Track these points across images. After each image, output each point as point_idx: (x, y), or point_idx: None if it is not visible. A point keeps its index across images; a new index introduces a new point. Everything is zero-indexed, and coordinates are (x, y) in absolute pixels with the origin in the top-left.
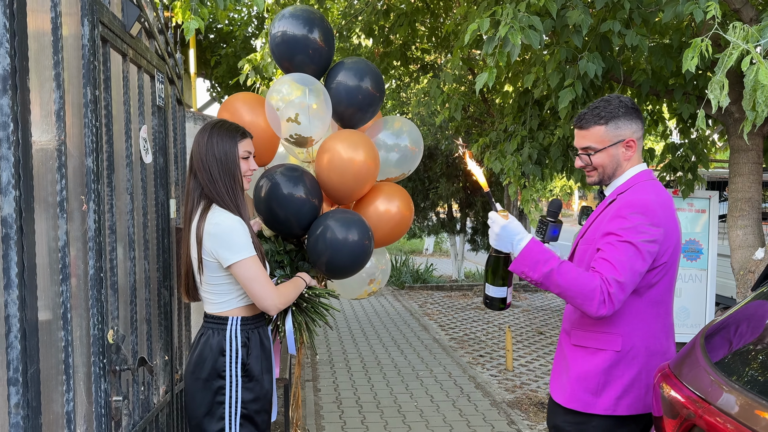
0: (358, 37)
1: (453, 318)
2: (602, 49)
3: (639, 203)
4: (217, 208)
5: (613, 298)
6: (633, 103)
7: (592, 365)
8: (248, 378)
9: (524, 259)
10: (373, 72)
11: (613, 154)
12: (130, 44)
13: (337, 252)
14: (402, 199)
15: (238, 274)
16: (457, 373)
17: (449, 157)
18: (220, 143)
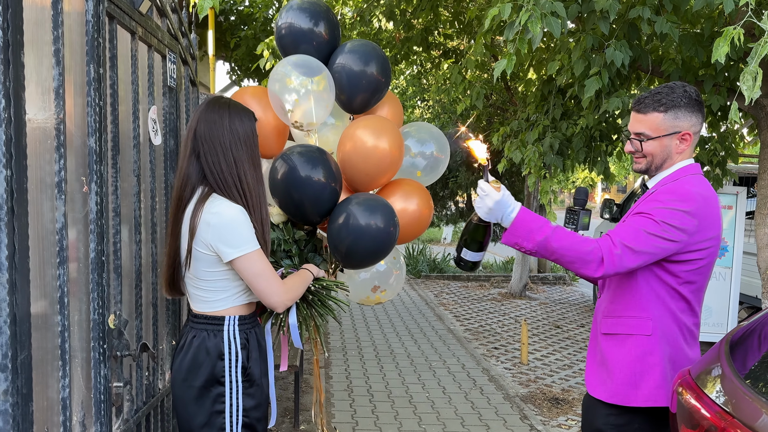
0: (379, 20)
1: (469, 309)
2: (630, 37)
3: (679, 191)
4: (217, 197)
5: (615, 259)
6: (698, 95)
7: (626, 353)
8: (249, 383)
9: (516, 230)
10: (378, 55)
11: (665, 145)
12: (139, 22)
13: (360, 237)
14: (421, 197)
15: (241, 269)
16: (471, 365)
17: None
18: (242, 125)
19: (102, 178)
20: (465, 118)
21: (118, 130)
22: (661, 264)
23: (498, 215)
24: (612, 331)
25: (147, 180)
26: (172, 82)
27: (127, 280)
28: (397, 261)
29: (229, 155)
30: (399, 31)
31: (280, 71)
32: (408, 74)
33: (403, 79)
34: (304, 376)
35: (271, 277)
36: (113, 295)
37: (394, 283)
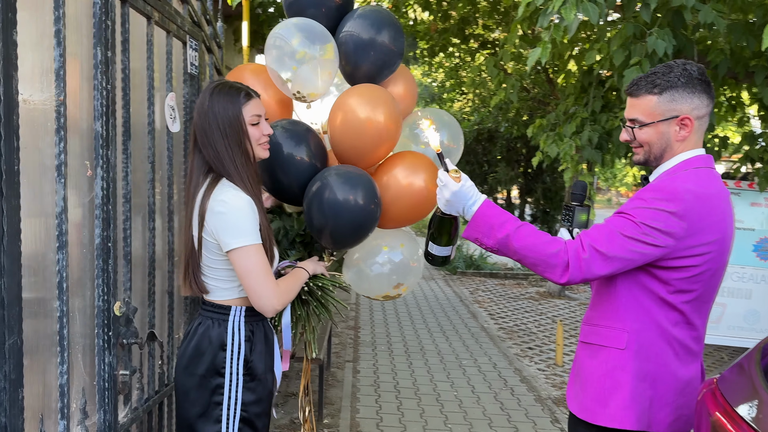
0: (414, 11)
1: (504, 307)
2: (674, 26)
3: (666, 189)
4: (226, 183)
5: (583, 264)
6: (701, 73)
7: (596, 365)
8: (250, 377)
9: (477, 225)
10: (391, 22)
11: (662, 132)
12: (156, 7)
13: (336, 215)
14: (428, 172)
15: (235, 262)
16: (503, 364)
17: (510, 141)
18: (222, 109)
19: (109, 163)
20: (504, 111)
21: (129, 115)
22: (647, 269)
23: (458, 207)
24: (587, 340)
25: (164, 167)
26: (193, 69)
27: (139, 268)
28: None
29: (214, 144)
30: (436, 22)
31: (278, 34)
32: (447, 67)
33: (441, 71)
34: (332, 369)
35: (263, 276)
36: (122, 282)
37: (415, 269)
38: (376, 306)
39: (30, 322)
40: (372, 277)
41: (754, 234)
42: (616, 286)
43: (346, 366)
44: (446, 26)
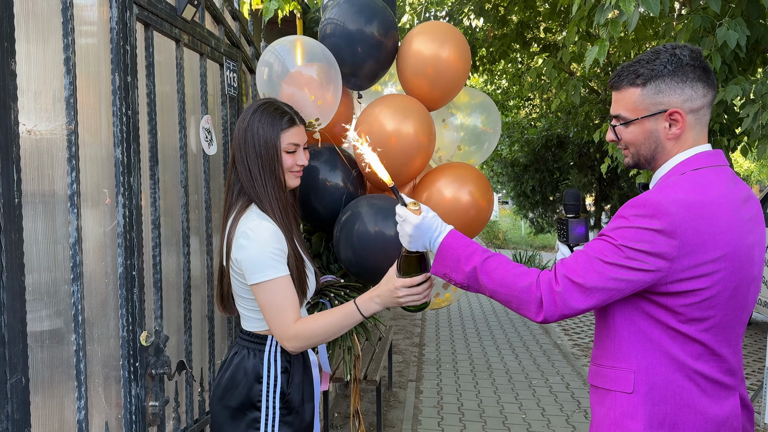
0: (469, 19)
1: (579, 321)
2: (750, 15)
3: (649, 202)
4: (255, 210)
5: (559, 298)
6: (694, 58)
7: (605, 412)
8: (287, 410)
9: (444, 259)
10: (377, 9)
11: (649, 130)
12: (184, 29)
13: (368, 249)
14: (476, 185)
15: (256, 296)
16: (576, 384)
17: (581, 146)
18: (261, 132)
19: (131, 190)
20: (572, 115)
21: (155, 140)
22: (647, 297)
23: (424, 242)
24: (594, 383)
25: (200, 191)
26: (231, 90)
27: (174, 294)
28: None
29: (248, 166)
30: (493, 27)
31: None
32: (510, 73)
33: (504, 78)
34: (394, 389)
35: (280, 313)
36: (153, 310)
37: None
38: (442, 322)
39: (48, 353)
40: None
41: None
42: (613, 319)
43: (408, 385)
44: (505, 31)
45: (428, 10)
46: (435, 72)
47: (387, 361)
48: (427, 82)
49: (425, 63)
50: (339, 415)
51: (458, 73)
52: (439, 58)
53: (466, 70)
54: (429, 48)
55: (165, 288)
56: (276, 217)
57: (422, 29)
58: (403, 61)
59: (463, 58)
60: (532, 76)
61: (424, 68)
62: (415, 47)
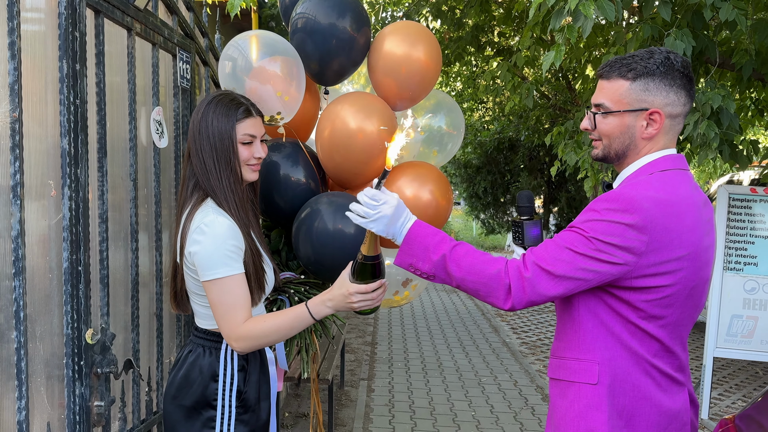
0: (426, 20)
1: (528, 320)
2: (695, 26)
3: (623, 197)
4: (211, 205)
5: (526, 285)
6: (685, 66)
7: (567, 404)
8: (243, 409)
9: (411, 248)
10: (350, 5)
11: (627, 125)
12: (137, 18)
13: (327, 247)
14: (437, 184)
15: (208, 293)
16: (524, 381)
17: (531, 150)
18: (216, 123)
19: (78, 182)
20: (524, 119)
21: (105, 131)
22: (609, 291)
23: (393, 228)
24: (555, 376)
25: (150, 185)
26: (184, 82)
27: (121, 291)
28: None
29: (202, 158)
30: (450, 30)
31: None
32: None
33: (459, 81)
34: (345, 388)
35: (230, 313)
36: (99, 307)
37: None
38: (395, 320)
39: None
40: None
41: None
42: (578, 311)
43: (360, 384)
44: (460, 34)
45: (386, 9)
46: (406, 72)
47: (339, 360)
48: (396, 83)
49: (397, 63)
50: (290, 415)
51: (429, 75)
52: (411, 58)
53: (437, 72)
54: (400, 48)
55: (112, 284)
56: (232, 211)
57: (395, 29)
58: (374, 60)
59: (435, 60)
60: (486, 79)
61: (394, 68)
62: (387, 47)
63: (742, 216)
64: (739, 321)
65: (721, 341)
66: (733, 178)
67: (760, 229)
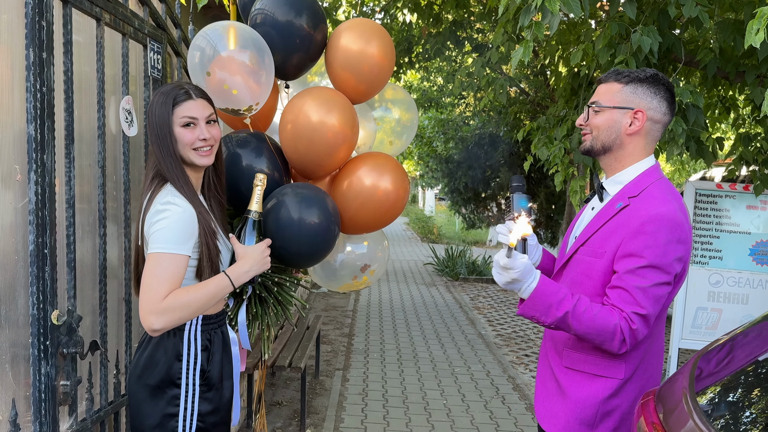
0: (404, 14)
1: (504, 313)
2: (661, 24)
3: (665, 217)
4: (170, 188)
5: (637, 334)
6: (669, 84)
7: (591, 393)
8: (207, 387)
9: (535, 304)
10: (306, 1)
11: (614, 120)
12: (105, 8)
13: (292, 236)
14: (395, 173)
15: (146, 264)
16: (497, 372)
17: (511, 145)
18: (156, 111)
19: (45, 168)
20: (503, 115)
21: (72, 119)
22: None
23: (520, 286)
24: (577, 368)
25: (120, 172)
26: (155, 72)
27: (89, 275)
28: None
29: (155, 145)
30: (427, 25)
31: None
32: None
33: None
34: (320, 378)
35: (155, 286)
36: (66, 290)
37: (382, 257)
38: (373, 313)
39: None
40: (337, 267)
41: (750, 238)
42: None
43: (335, 374)
44: (439, 30)
45: (365, 4)
46: (364, 68)
47: (314, 350)
48: (353, 77)
49: (354, 58)
50: (264, 403)
51: (383, 70)
52: (365, 53)
53: (391, 67)
54: (356, 44)
55: (80, 269)
56: (186, 195)
57: (350, 25)
58: (331, 55)
59: (388, 56)
60: (462, 75)
61: (351, 63)
62: (342, 42)
63: (708, 211)
64: (704, 313)
65: (686, 333)
66: (706, 175)
67: (725, 223)
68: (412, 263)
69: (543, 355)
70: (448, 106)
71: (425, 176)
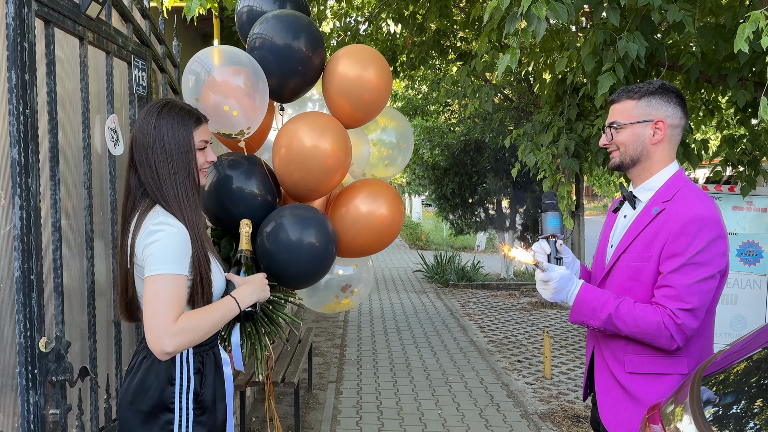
0: (388, 25)
1: (495, 319)
2: (644, 30)
3: (705, 216)
4: (160, 210)
5: (684, 329)
6: (677, 90)
7: (660, 391)
8: (201, 410)
9: (581, 309)
10: (305, 26)
11: (638, 134)
12: (88, 26)
13: (290, 256)
14: (389, 199)
15: (146, 288)
16: (490, 379)
17: (497, 151)
18: (172, 132)
19: (30, 192)
20: (488, 122)
21: (56, 141)
22: None
23: (563, 296)
24: (641, 371)
25: (106, 193)
26: (140, 90)
27: (77, 299)
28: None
29: (156, 167)
30: (411, 35)
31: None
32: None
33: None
34: (313, 391)
35: (163, 308)
36: (54, 315)
37: (367, 278)
38: (364, 323)
39: None
40: (321, 287)
41: (737, 238)
42: None
43: (328, 387)
44: (423, 39)
45: (349, 15)
46: (359, 93)
47: (307, 363)
48: (350, 103)
49: (350, 84)
50: (257, 419)
51: (380, 95)
52: (362, 79)
53: (388, 92)
54: (353, 70)
55: (67, 293)
56: (186, 217)
57: (347, 52)
58: (329, 81)
59: (386, 81)
60: (448, 83)
61: (348, 89)
62: (341, 69)
63: None
64: None
65: None
66: (690, 177)
67: None
68: (402, 271)
69: (600, 366)
70: (434, 113)
71: (412, 183)
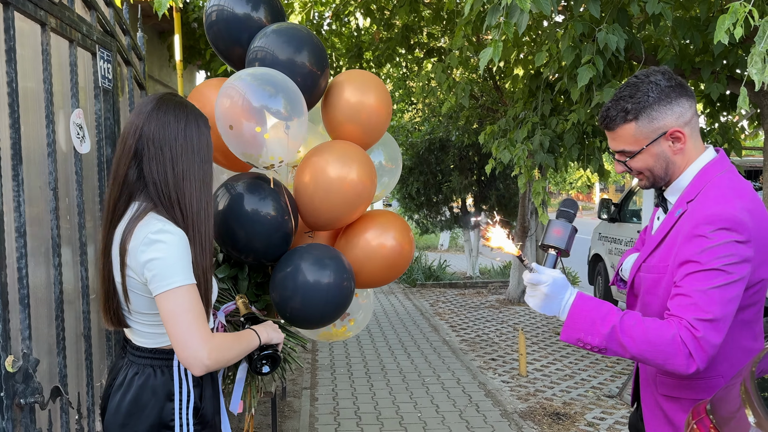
0: (356, 19)
1: (465, 318)
2: (621, 24)
3: (722, 216)
4: (154, 216)
5: (704, 343)
6: (670, 78)
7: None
8: (201, 425)
9: (575, 322)
10: (309, 41)
11: (656, 153)
12: (51, 12)
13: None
14: (399, 230)
15: (162, 306)
16: (467, 378)
17: (462, 150)
18: (200, 133)
19: None
20: (453, 120)
21: (19, 137)
22: None
23: (555, 304)
24: (673, 395)
25: (72, 194)
26: (105, 83)
27: (44, 311)
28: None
29: (179, 166)
30: (379, 30)
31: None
32: (394, 77)
33: (390, 82)
34: (288, 399)
35: (194, 321)
36: (20, 330)
37: (366, 305)
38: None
39: None
40: None
41: None
42: None
43: (303, 394)
44: (390, 35)
45: (316, 9)
46: (367, 119)
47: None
48: (360, 128)
49: (358, 111)
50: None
51: (381, 120)
52: (365, 105)
53: (389, 117)
54: (355, 96)
55: (34, 305)
56: (197, 218)
57: (348, 78)
58: (333, 108)
59: (386, 106)
60: (422, 81)
61: (354, 115)
62: (345, 96)
63: None
64: None
65: None
66: None
67: None
68: None
69: (644, 380)
70: (398, 112)
71: None
